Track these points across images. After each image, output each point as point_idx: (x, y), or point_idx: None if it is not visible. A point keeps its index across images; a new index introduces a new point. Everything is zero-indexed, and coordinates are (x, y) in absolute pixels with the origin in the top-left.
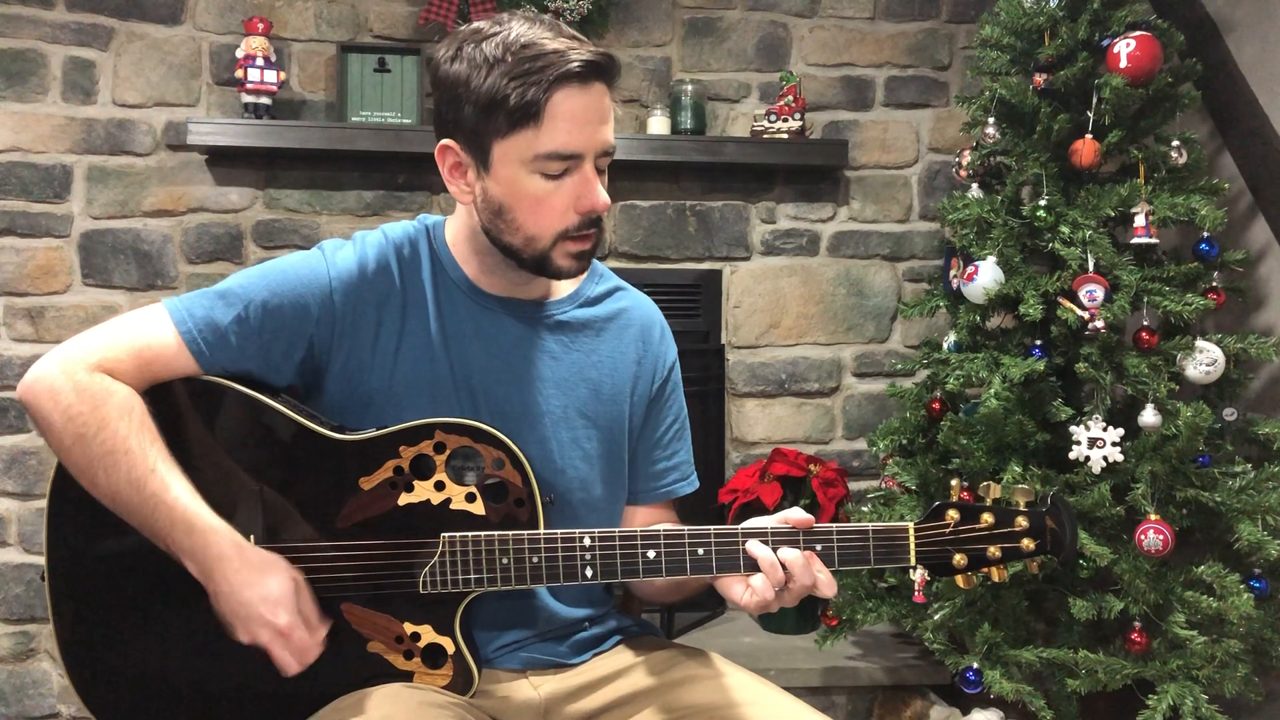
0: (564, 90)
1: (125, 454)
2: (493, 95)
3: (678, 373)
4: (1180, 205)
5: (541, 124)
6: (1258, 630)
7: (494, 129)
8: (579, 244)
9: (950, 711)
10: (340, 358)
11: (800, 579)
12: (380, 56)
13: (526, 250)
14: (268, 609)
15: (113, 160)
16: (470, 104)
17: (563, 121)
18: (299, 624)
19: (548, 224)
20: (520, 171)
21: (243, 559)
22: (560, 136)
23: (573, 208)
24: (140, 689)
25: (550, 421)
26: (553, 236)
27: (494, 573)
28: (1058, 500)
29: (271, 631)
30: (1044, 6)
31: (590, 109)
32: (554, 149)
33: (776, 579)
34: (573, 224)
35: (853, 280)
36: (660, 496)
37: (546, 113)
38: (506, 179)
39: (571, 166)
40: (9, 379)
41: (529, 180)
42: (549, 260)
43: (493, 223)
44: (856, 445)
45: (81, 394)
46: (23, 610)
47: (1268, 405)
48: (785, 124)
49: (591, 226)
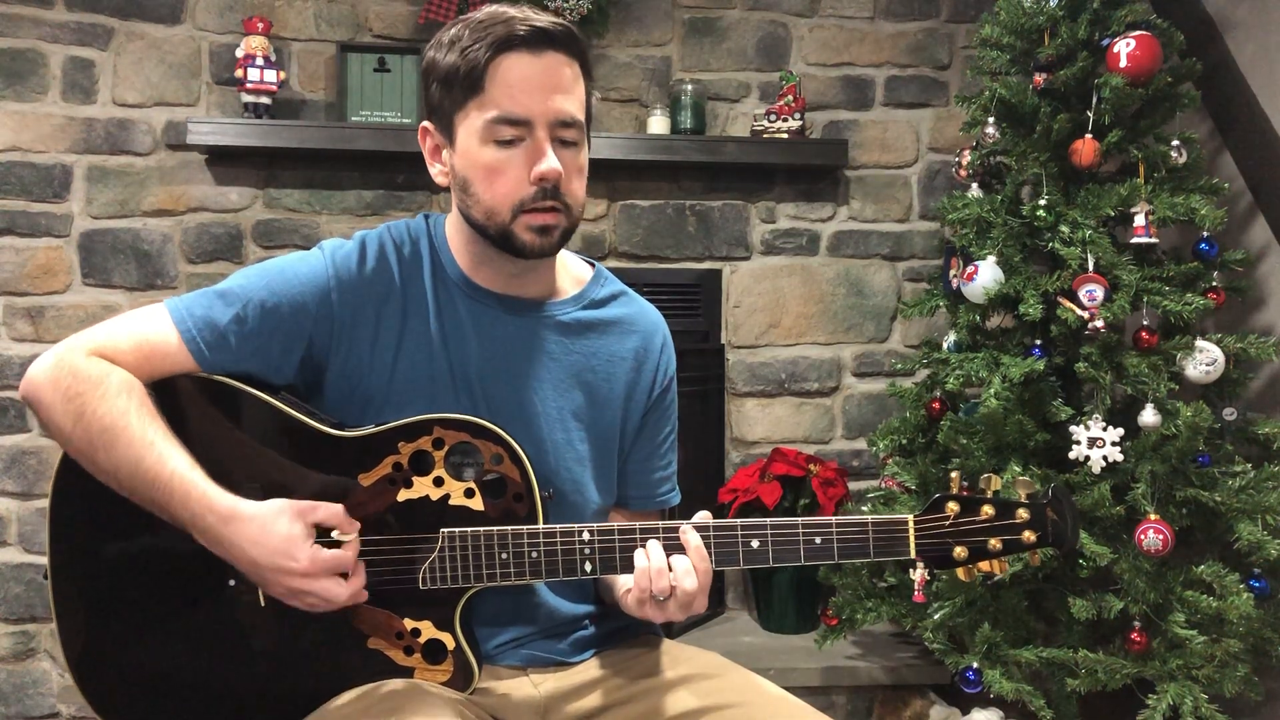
0: (509, 56)
1: (124, 429)
2: (450, 70)
3: (675, 385)
4: (1180, 205)
5: (485, 90)
6: (1258, 630)
7: (453, 103)
8: (538, 216)
9: (950, 711)
10: (340, 357)
11: (681, 583)
12: (380, 56)
13: (489, 224)
14: (282, 557)
15: (113, 160)
16: (436, 81)
17: (505, 86)
18: (321, 554)
19: (504, 194)
20: (474, 142)
21: (242, 518)
22: (504, 101)
23: (526, 178)
24: (144, 687)
25: (545, 422)
26: (510, 208)
27: (493, 568)
28: (1059, 492)
29: (298, 575)
30: (1044, 6)
31: (539, 75)
32: (498, 113)
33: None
34: (528, 194)
35: (852, 280)
36: (653, 505)
37: (489, 78)
38: (464, 151)
39: (523, 134)
40: (9, 379)
41: (483, 150)
42: (512, 235)
43: (462, 201)
44: (856, 445)
45: (79, 375)
46: (23, 610)
47: (1268, 405)
48: (785, 124)
49: (549, 198)
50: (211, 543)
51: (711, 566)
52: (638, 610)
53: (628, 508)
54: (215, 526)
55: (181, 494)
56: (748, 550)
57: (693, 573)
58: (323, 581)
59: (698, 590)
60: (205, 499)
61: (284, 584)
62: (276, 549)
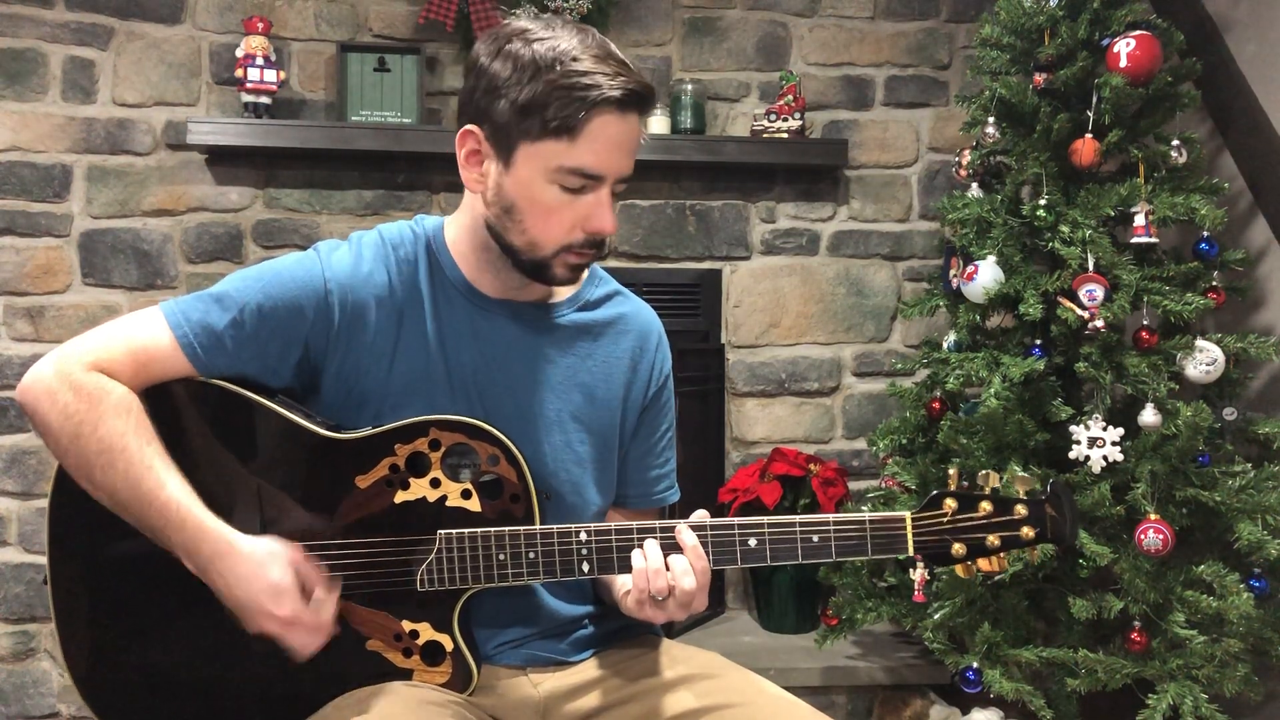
0: (605, 115)
1: (122, 451)
2: (532, 99)
3: (671, 382)
4: (1180, 205)
5: (576, 141)
6: (1258, 630)
7: (526, 131)
8: (579, 258)
9: (950, 711)
10: (336, 359)
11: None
12: (380, 56)
13: (526, 253)
14: (269, 600)
15: (113, 160)
16: (508, 101)
17: (597, 143)
18: (303, 609)
19: (554, 235)
20: (539, 177)
21: (237, 554)
22: (590, 157)
23: (581, 225)
24: (143, 689)
25: (544, 424)
26: (555, 247)
27: (491, 569)
28: (1058, 488)
29: (277, 622)
30: (1044, 6)
31: (624, 136)
32: (581, 166)
33: (659, 587)
34: (577, 240)
35: (852, 280)
36: (652, 503)
37: (583, 131)
38: (524, 180)
39: (590, 186)
40: (9, 379)
41: (546, 188)
42: (547, 267)
43: (500, 219)
44: (856, 445)
45: (78, 392)
46: (23, 610)
47: (1268, 405)
48: (785, 123)
49: (595, 246)
50: (200, 571)
51: (710, 565)
52: (638, 611)
53: (626, 506)
54: (207, 558)
55: (177, 521)
56: (745, 549)
57: (690, 572)
58: (298, 634)
59: (696, 589)
60: (200, 529)
61: (261, 625)
62: (263, 591)
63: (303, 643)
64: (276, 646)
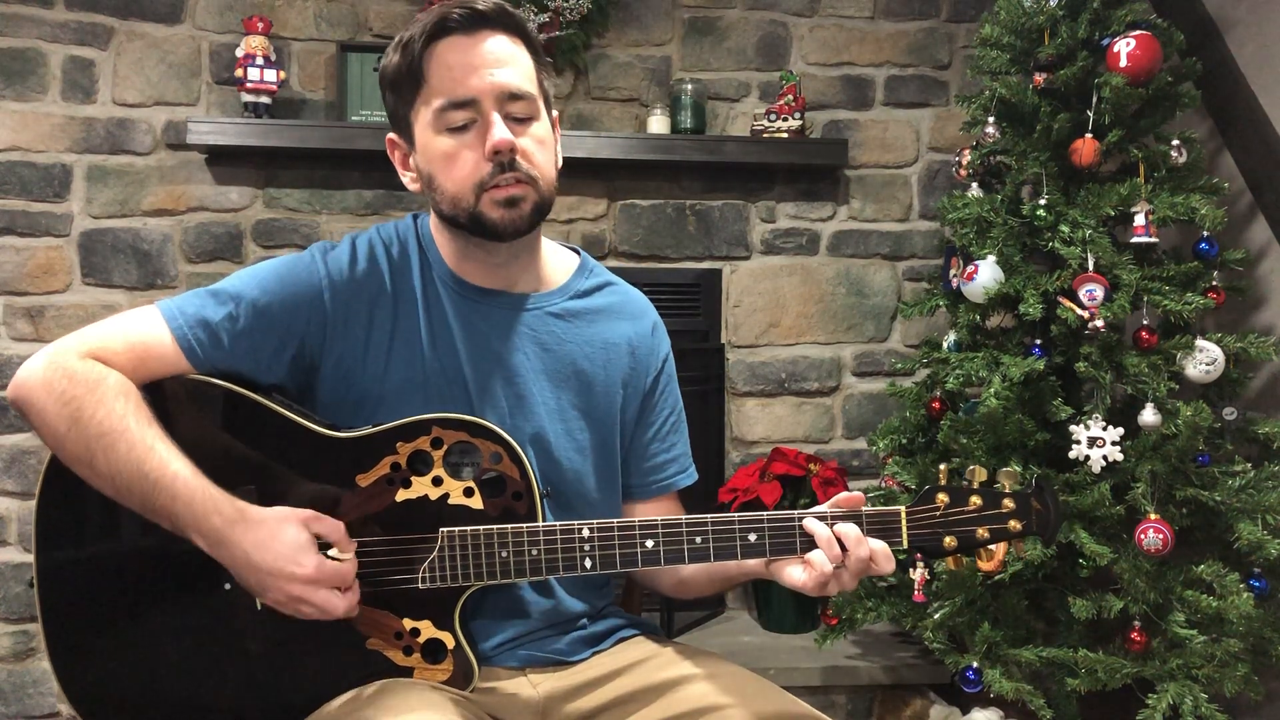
0: (444, 42)
1: (123, 433)
2: (395, 71)
3: (672, 365)
4: (1180, 204)
5: (427, 80)
6: (1257, 630)
7: (404, 103)
8: (501, 190)
9: (950, 711)
10: (332, 358)
11: (855, 550)
12: (380, 55)
13: (459, 212)
14: (289, 560)
15: (112, 159)
16: (386, 89)
17: (444, 70)
18: (325, 563)
19: (463, 177)
20: (430, 136)
21: (249, 521)
22: (445, 86)
23: (483, 157)
24: (134, 693)
25: (544, 414)
26: (472, 189)
27: (493, 566)
28: (1042, 483)
29: (300, 582)
30: (1044, 6)
31: (477, 54)
32: (442, 99)
33: (834, 555)
34: (487, 172)
35: (852, 280)
36: (661, 490)
37: (430, 69)
38: (424, 147)
39: (473, 116)
40: (9, 378)
41: (438, 141)
42: (481, 216)
43: (431, 198)
44: (856, 444)
45: (74, 378)
46: (23, 610)
47: (1268, 405)
48: (785, 123)
49: (507, 170)
50: (213, 545)
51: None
52: (818, 592)
53: (637, 496)
54: (220, 529)
55: (186, 497)
56: (745, 544)
57: (864, 541)
58: (323, 592)
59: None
60: (212, 501)
61: (285, 589)
62: (282, 554)
63: (329, 601)
64: (275, 646)
